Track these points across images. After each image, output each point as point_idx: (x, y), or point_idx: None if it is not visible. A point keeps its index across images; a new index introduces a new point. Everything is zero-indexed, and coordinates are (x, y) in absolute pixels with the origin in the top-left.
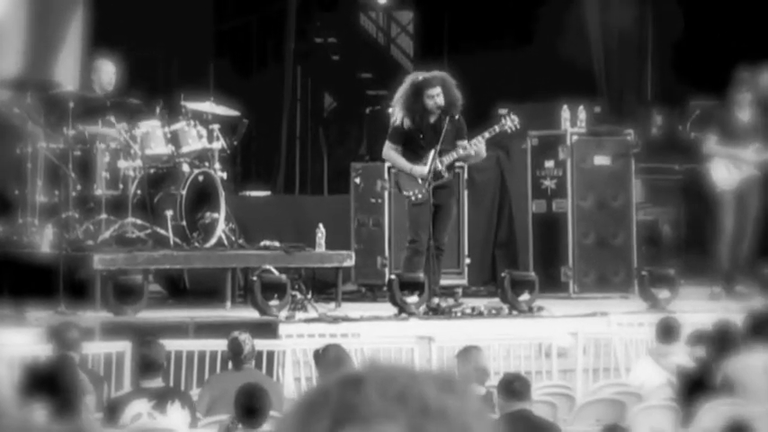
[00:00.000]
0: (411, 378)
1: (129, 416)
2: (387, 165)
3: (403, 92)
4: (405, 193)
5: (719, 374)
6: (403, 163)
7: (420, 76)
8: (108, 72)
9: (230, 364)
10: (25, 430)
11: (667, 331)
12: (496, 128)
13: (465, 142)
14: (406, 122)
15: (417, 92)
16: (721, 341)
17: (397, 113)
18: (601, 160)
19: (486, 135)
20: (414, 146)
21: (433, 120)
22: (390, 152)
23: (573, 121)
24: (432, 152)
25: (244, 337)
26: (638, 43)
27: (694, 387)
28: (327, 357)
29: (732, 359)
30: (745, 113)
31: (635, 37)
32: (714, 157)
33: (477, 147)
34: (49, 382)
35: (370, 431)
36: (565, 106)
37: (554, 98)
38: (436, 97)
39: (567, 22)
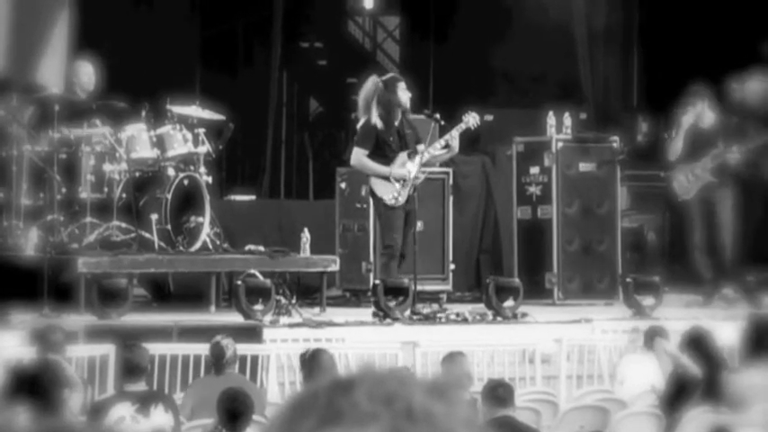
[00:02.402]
0: (400, 382)
1: (113, 419)
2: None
3: (372, 91)
4: (384, 198)
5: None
6: (379, 168)
7: (382, 76)
8: (87, 73)
9: (212, 369)
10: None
11: (652, 339)
12: (462, 125)
13: (443, 139)
14: (378, 123)
15: (391, 87)
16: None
17: (365, 113)
18: (586, 167)
19: (455, 133)
20: (384, 149)
21: (397, 121)
22: (362, 158)
23: (558, 127)
24: (412, 154)
25: (226, 341)
26: (624, 50)
27: (679, 394)
28: (313, 362)
29: (733, 375)
30: (705, 121)
31: (621, 43)
32: (675, 166)
33: (454, 142)
34: (33, 385)
35: None
36: (550, 113)
37: (540, 104)
38: (408, 92)
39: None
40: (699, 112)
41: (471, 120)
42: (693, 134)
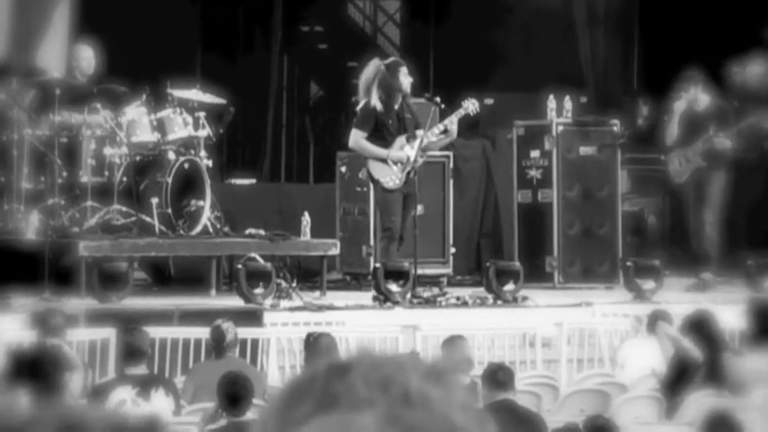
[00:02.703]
0: (397, 366)
1: (113, 402)
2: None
3: (374, 73)
4: (381, 180)
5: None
6: (377, 150)
7: (384, 60)
8: (86, 57)
9: (213, 353)
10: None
11: (654, 323)
12: (461, 111)
13: (442, 124)
14: (378, 105)
15: (392, 71)
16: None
17: (365, 96)
18: (586, 150)
19: (454, 118)
20: (383, 131)
21: (396, 106)
22: (361, 140)
23: (559, 111)
24: (410, 137)
25: (227, 325)
26: (624, 33)
27: (680, 378)
28: (318, 346)
29: (736, 359)
30: (699, 105)
31: (621, 26)
32: (672, 150)
33: (453, 126)
34: (34, 369)
35: (346, 418)
36: (551, 96)
37: (540, 88)
38: (409, 77)
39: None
40: (692, 97)
41: (471, 106)
42: (688, 118)
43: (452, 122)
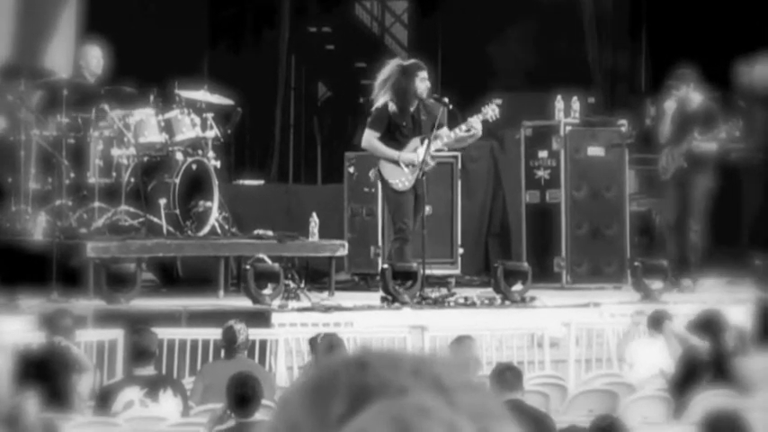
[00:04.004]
0: (416, 357)
1: (122, 403)
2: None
3: (390, 74)
4: (391, 181)
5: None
6: (389, 151)
7: (404, 61)
8: (95, 57)
9: (223, 353)
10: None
11: (658, 323)
12: (479, 117)
13: (465, 125)
14: (392, 107)
15: (409, 74)
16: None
17: (381, 97)
18: (594, 151)
19: (473, 122)
20: (395, 133)
21: (413, 107)
22: (373, 140)
23: (567, 111)
24: (419, 140)
25: (239, 326)
26: (632, 33)
27: (688, 377)
28: (324, 345)
29: (744, 359)
30: (691, 104)
31: (629, 26)
32: (664, 148)
33: (478, 126)
34: (42, 370)
35: (404, 402)
36: (558, 96)
37: (548, 88)
38: (427, 81)
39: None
40: (683, 96)
41: (490, 111)
42: (680, 117)
43: (477, 121)
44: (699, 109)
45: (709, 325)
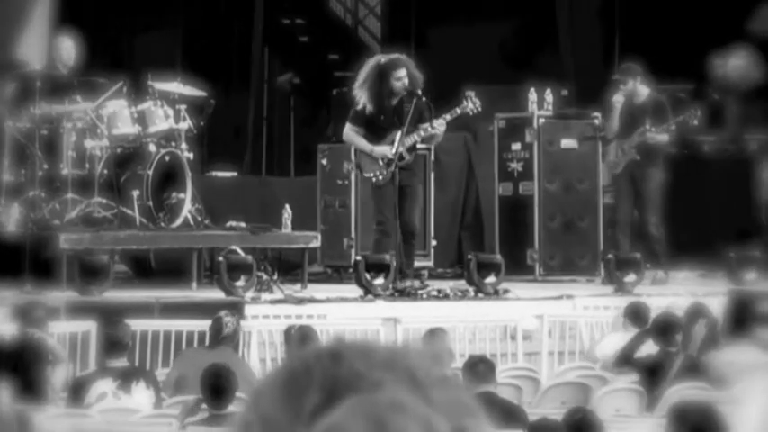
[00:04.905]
0: (391, 349)
1: (94, 395)
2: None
3: (366, 75)
4: (366, 174)
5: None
6: (363, 144)
7: (383, 58)
8: (67, 48)
9: (207, 341)
10: None
11: (636, 315)
12: (458, 110)
13: (427, 124)
14: (369, 107)
15: (383, 74)
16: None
17: (360, 97)
18: (568, 143)
19: (448, 117)
20: (375, 128)
21: (394, 102)
22: (350, 133)
23: (540, 103)
24: (398, 133)
25: (228, 319)
26: (605, 25)
27: (655, 372)
28: (297, 337)
29: (716, 353)
30: (638, 98)
31: (602, 19)
32: (611, 143)
33: (440, 128)
34: (15, 362)
35: (379, 398)
36: (532, 89)
37: (521, 80)
38: (404, 79)
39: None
40: (631, 90)
41: (471, 105)
42: (627, 111)
43: (441, 123)
44: (647, 101)
45: (663, 329)
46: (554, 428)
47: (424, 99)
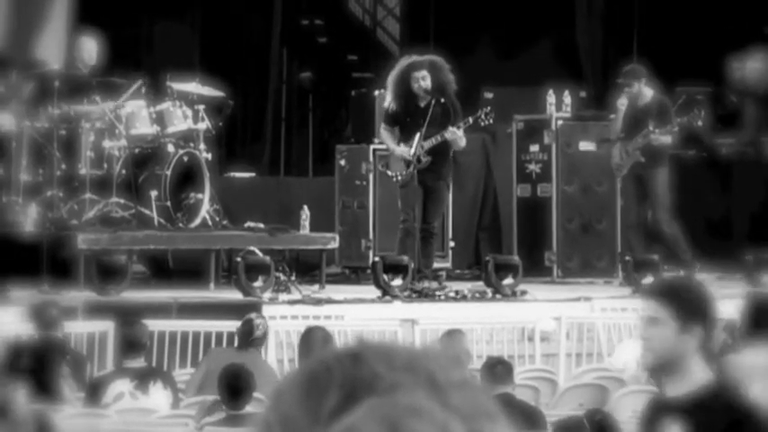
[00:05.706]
0: (411, 351)
1: (112, 395)
2: (371, 147)
3: (392, 75)
4: (389, 173)
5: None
6: (390, 143)
7: (408, 59)
8: (89, 49)
9: (236, 342)
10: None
11: None
12: (470, 119)
13: (452, 128)
14: (393, 106)
15: (404, 75)
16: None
17: (387, 97)
18: (586, 145)
19: (461, 125)
20: (402, 128)
21: (422, 103)
22: (383, 132)
23: (558, 105)
24: (417, 135)
25: (260, 321)
26: (624, 27)
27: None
28: (313, 339)
29: (733, 356)
30: (642, 100)
31: (621, 20)
32: (616, 142)
33: (450, 136)
34: (32, 361)
35: (396, 401)
36: (550, 91)
37: (540, 82)
38: (421, 80)
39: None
40: (635, 92)
41: (483, 116)
42: (632, 112)
43: (453, 133)
44: (651, 103)
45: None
46: (580, 426)
47: (443, 102)
